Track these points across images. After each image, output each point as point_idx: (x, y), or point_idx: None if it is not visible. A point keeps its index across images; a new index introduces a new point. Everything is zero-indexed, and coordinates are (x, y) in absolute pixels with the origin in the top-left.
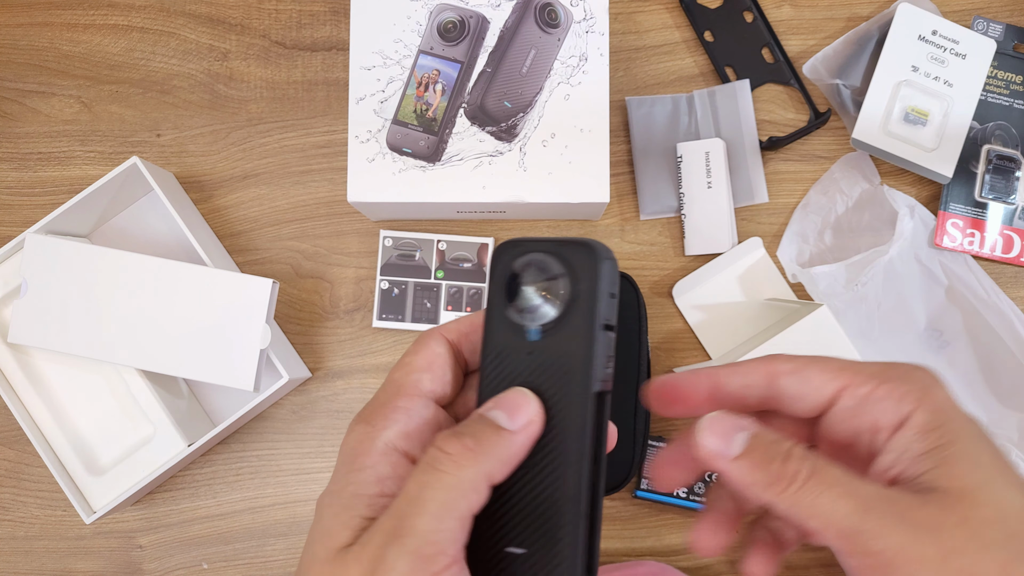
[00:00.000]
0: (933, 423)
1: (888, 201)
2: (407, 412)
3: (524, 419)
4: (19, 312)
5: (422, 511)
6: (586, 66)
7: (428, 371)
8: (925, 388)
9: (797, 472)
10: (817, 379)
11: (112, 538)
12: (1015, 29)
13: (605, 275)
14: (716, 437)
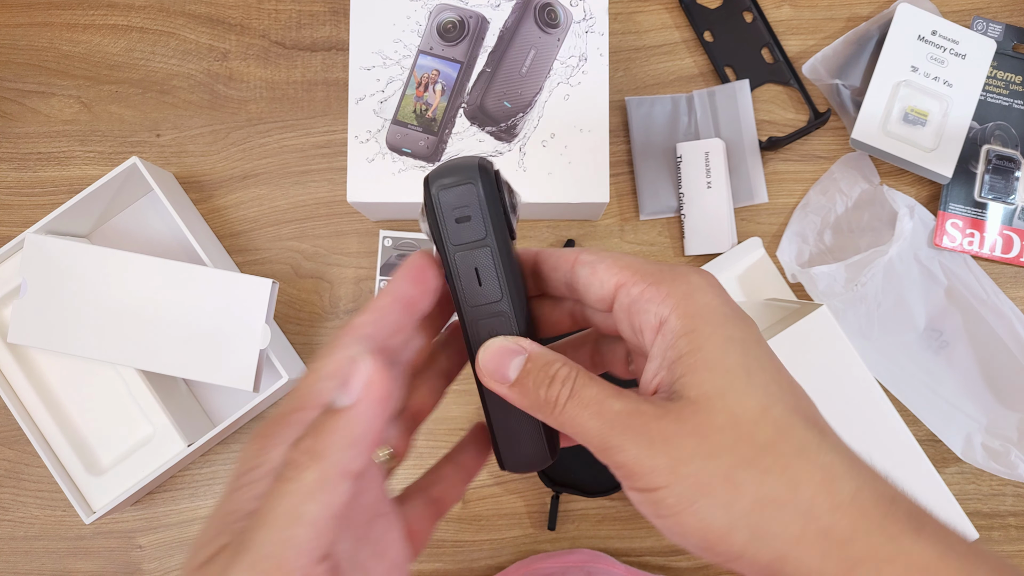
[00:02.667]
0: (685, 328)
1: (888, 201)
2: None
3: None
4: (19, 312)
5: (263, 523)
6: (586, 66)
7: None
8: (688, 292)
9: (559, 395)
10: (603, 273)
11: (112, 538)
12: (1015, 29)
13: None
14: (494, 362)
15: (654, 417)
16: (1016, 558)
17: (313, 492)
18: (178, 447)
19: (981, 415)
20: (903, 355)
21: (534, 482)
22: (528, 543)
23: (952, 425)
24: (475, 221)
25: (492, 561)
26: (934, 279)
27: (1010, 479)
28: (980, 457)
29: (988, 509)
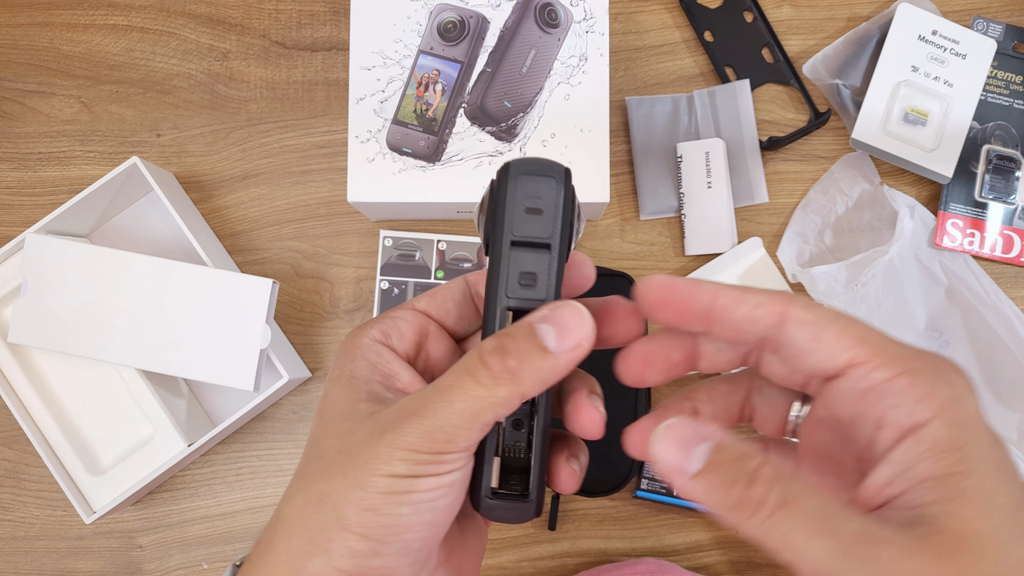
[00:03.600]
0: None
1: (888, 201)
2: (393, 319)
3: (573, 342)
4: (19, 312)
5: (448, 407)
6: (586, 66)
7: (430, 296)
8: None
9: (765, 499)
10: (831, 343)
11: (112, 538)
12: (1015, 29)
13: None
14: (673, 448)
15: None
16: None
17: (497, 405)
18: (178, 447)
19: None
20: None
21: None
22: (528, 543)
23: None
24: (545, 216)
25: (492, 561)
26: (934, 279)
27: None
28: None
29: None
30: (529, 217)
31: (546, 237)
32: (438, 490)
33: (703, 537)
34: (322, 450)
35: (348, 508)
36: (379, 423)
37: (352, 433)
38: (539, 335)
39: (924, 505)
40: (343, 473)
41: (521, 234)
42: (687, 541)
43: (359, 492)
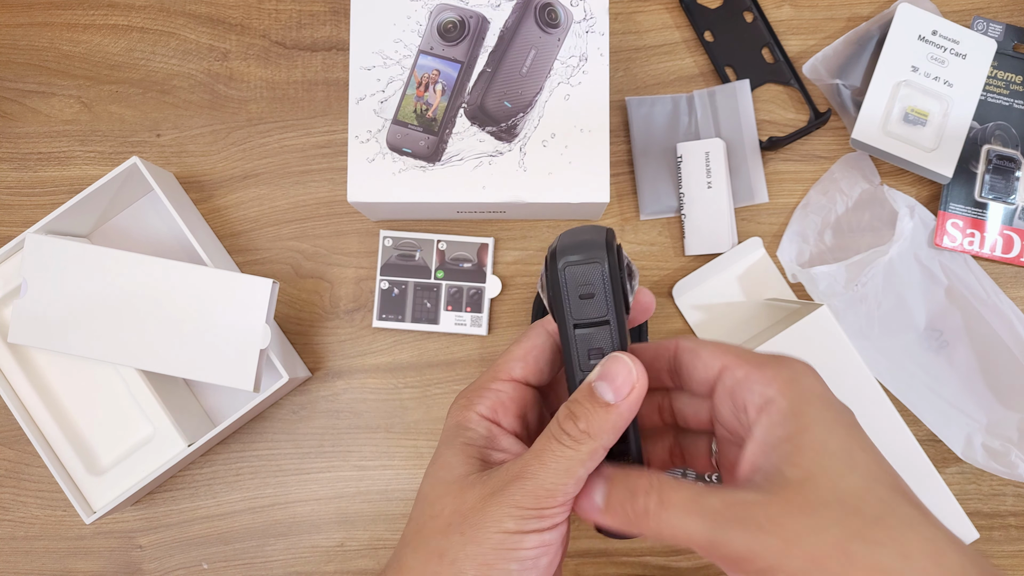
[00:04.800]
0: (791, 410)
1: (888, 201)
2: (497, 393)
3: (627, 389)
4: (19, 312)
5: (544, 468)
6: (586, 66)
7: (522, 360)
8: (792, 377)
9: (646, 506)
10: (707, 357)
11: (112, 538)
12: (1015, 29)
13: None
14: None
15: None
16: (1016, 558)
17: (584, 460)
18: (178, 447)
19: (981, 415)
20: (903, 355)
21: None
22: None
23: (952, 425)
24: (598, 299)
25: None
26: (934, 279)
27: (1010, 479)
28: (980, 457)
29: (988, 509)
30: (584, 302)
31: (602, 316)
32: (541, 548)
33: None
34: (437, 510)
35: (466, 563)
36: (488, 487)
37: (464, 495)
38: (598, 393)
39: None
40: (460, 532)
41: (580, 318)
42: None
43: (475, 548)
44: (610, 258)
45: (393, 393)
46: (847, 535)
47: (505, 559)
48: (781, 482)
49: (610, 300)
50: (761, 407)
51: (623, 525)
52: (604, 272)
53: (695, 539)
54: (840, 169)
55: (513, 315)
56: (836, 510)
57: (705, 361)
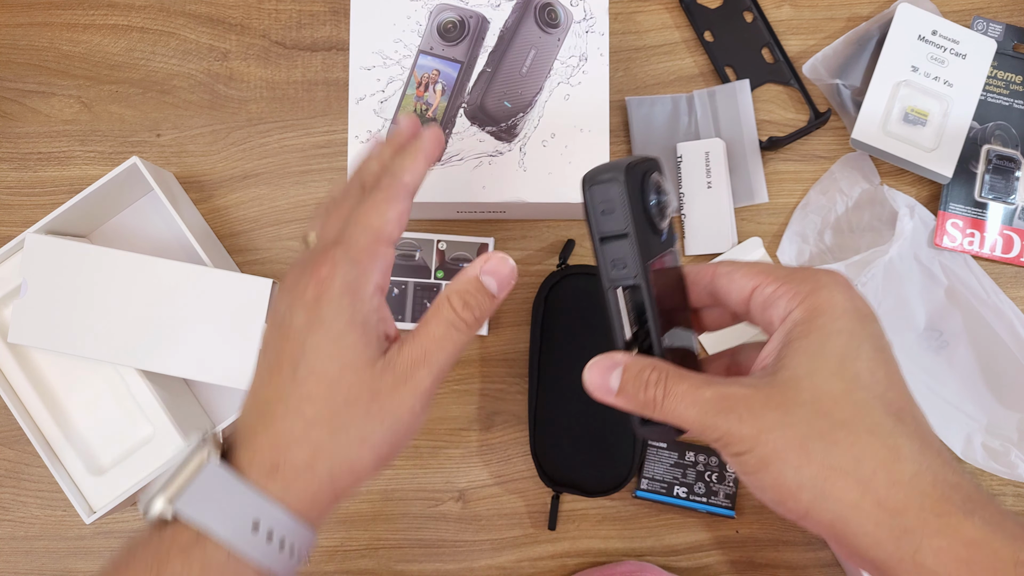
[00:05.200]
0: (804, 318)
1: (888, 201)
2: (385, 257)
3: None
4: (19, 312)
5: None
6: (586, 66)
7: (399, 223)
8: (814, 289)
9: (656, 396)
10: (740, 279)
11: (112, 538)
12: (1015, 29)
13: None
14: (597, 376)
15: (742, 397)
16: None
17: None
18: (178, 447)
19: (981, 415)
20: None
21: (534, 482)
22: (528, 543)
23: (952, 425)
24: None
25: (492, 561)
26: (934, 279)
27: (1010, 479)
28: (980, 457)
29: None
30: (605, 217)
31: (622, 230)
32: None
33: (703, 537)
34: (353, 395)
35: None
36: (398, 373)
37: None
38: (486, 286)
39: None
40: (380, 420)
41: (603, 231)
42: (687, 541)
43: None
44: (629, 179)
45: None
46: (810, 433)
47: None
48: (771, 380)
49: (627, 218)
50: (783, 318)
51: (635, 408)
52: (621, 190)
53: (690, 424)
54: (840, 169)
55: (513, 315)
56: (807, 409)
57: (739, 283)
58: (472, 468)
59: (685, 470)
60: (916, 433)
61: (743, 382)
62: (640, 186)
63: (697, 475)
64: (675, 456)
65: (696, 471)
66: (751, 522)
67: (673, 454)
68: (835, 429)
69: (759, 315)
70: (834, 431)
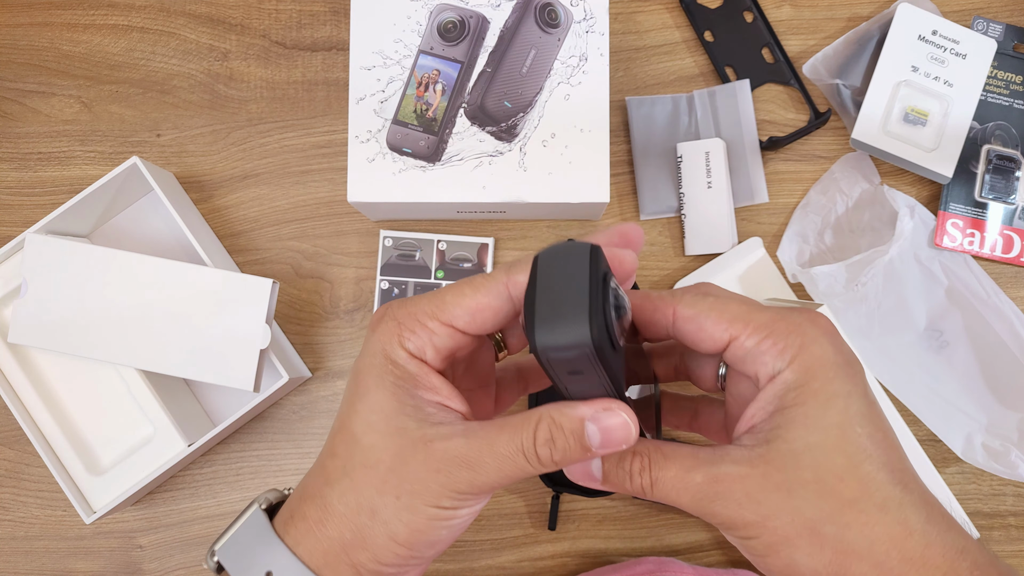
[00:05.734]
0: (797, 382)
1: (888, 201)
2: (431, 335)
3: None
4: (19, 312)
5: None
6: (586, 66)
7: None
8: (803, 344)
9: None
10: (712, 329)
11: (112, 538)
12: (1015, 29)
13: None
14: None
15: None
16: (1016, 558)
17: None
18: (178, 447)
19: (981, 415)
20: (903, 355)
21: (534, 482)
22: (528, 543)
23: (952, 425)
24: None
25: (492, 561)
26: (934, 279)
27: (1010, 479)
28: (980, 457)
29: (988, 509)
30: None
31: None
32: (471, 516)
33: (703, 537)
34: (372, 459)
35: (398, 527)
36: (432, 459)
37: (404, 455)
38: (587, 436)
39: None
40: (396, 496)
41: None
42: (687, 541)
43: (409, 516)
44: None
45: None
46: (819, 516)
47: (437, 528)
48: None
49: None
50: (770, 377)
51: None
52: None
53: (686, 508)
54: (840, 169)
55: None
56: (813, 489)
57: (710, 333)
58: None
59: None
60: (921, 501)
61: (733, 456)
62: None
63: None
64: None
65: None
66: None
67: None
68: (845, 510)
69: (738, 365)
70: (844, 512)
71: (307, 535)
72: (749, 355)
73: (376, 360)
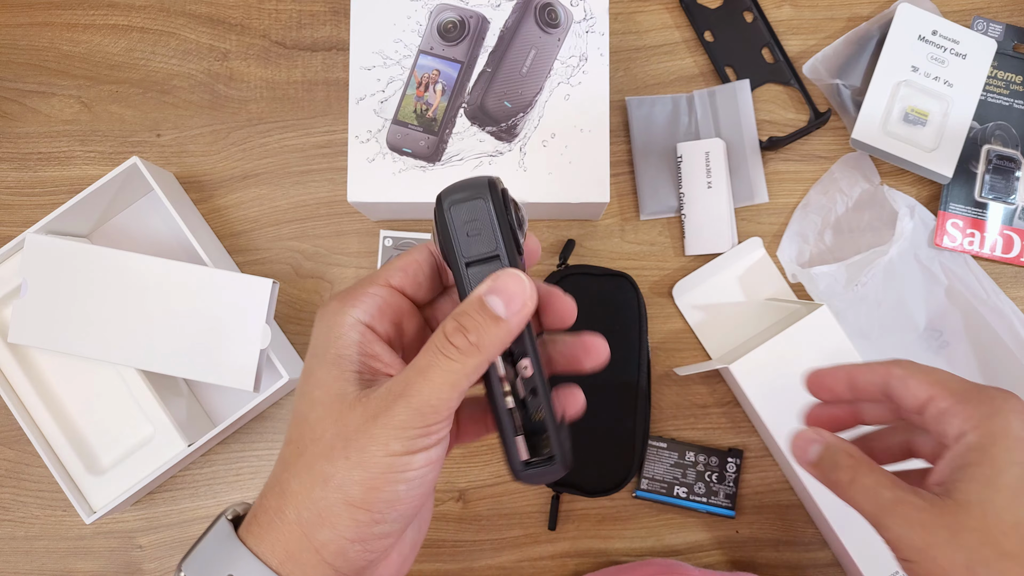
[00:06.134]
0: (979, 445)
1: (888, 201)
2: (373, 296)
3: (519, 305)
4: (19, 312)
5: (428, 383)
6: (586, 66)
7: (402, 270)
8: (989, 414)
9: (842, 479)
10: (914, 387)
11: (112, 538)
12: (1015, 29)
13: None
14: (798, 448)
15: (917, 508)
16: None
17: (470, 374)
18: (178, 447)
19: None
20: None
21: None
22: (528, 543)
23: None
24: (485, 235)
25: (492, 561)
26: (934, 279)
27: None
28: None
29: None
30: (472, 239)
31: (492, 251)
32: (427, 467)
33: (703, 537)
34: (319, 432)
35: (352, 488)
36: (371, 407)
37: (346, 417)
38: (490, 307)
39: (951, 484)
40: (345, 456)
41: (470, 255)
42: (687, 541)
43: (361, 472)
44: (493, 195)
45: None
46: (977, 559)
47: (393, 482)
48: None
49: (498, 234)
50: (956, 437)
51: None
52: (489, 208)
53: (863, 513)
54: (840, 169)
55: None
56: (977, 536)
57: (913, 390)
58: (472, 468)
59: (685, 470)
60: None
61: (921, 494)
62: (503, 201)
63: (697, 475)
64: (675, 456)
65: (696, 471)
66: (751, 522)
67: (673, 454)
68: (1002, 559)
69: (932, 426)
70: (1001, 560)
71: (268, 529)
72: (942, 415)
73: (319, 340)
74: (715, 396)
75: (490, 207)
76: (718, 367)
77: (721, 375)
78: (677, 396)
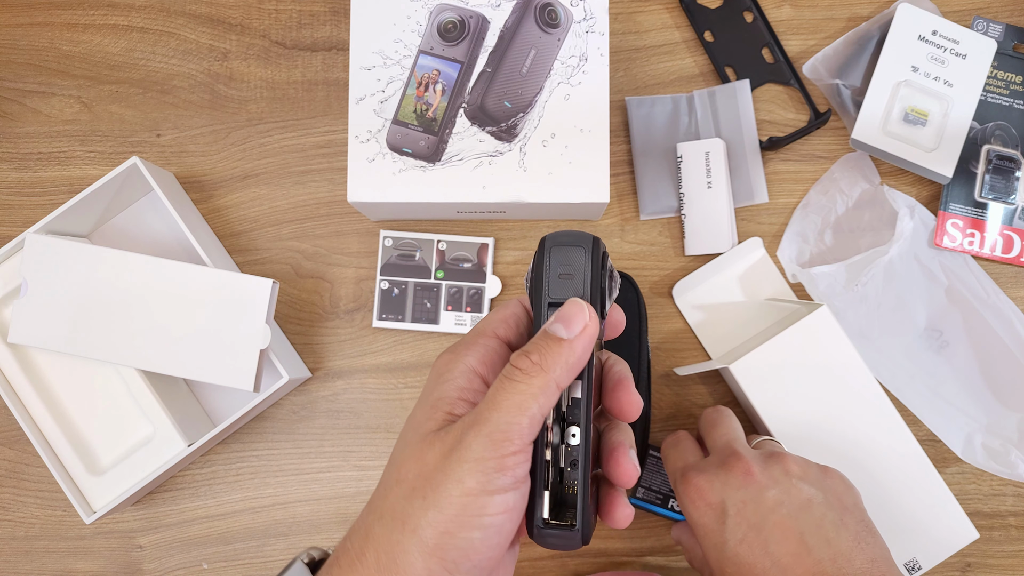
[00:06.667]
0: None
1: (888, 201)
2: (483, 346)
3: (579, 327)
4: (19, 312)
5: (496, 408)
6: (586, 66)
7: (504, 322)
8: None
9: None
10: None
11: (112, 538)
12: (1015, 29)
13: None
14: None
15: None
16: (1016, 558)
17: (536, 394)
18: (178, 447)
19: (981, 415)
20: (903, 355)
21: None
22: (528, 543)
23: (952, 425)
24: (575, 282)
25: None
26: (934, 279)
27: (1010, 479)
28: (980, 457)
29: (988, 509)
30: (562, 281)
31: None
32: (504, 515)
33: None
34: (403, 473)
35: (427, 530)
36: (447, 442)
37: (426, 455)
38: (552, 331)
39: None
40: (422, 496)
41: (555, 296)
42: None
43: (436, 513)
44: (595, 250)
45: (393, 393)
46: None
47: (467, 527)
48: None
49: (587, 284)
50: None
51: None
52: (586, 258)
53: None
54: (840, 169)
55: None
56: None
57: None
58: None
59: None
60: None
61: None
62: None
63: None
64: None
65: None
66: None
67: None
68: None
69: None
70: None
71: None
72: None
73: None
74: (715, 396)
75: (587, 258)
76: (718, 367)
77: (721, 375)
78: (677, 396)
